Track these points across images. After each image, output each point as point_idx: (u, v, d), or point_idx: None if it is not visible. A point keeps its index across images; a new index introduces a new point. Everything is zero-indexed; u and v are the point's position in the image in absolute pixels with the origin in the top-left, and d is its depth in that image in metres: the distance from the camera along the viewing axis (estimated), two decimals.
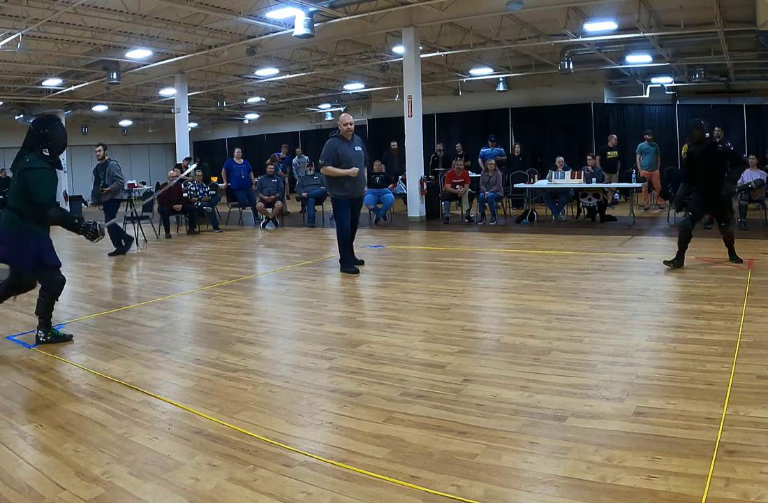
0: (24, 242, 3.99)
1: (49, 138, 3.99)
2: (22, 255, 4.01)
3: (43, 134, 3.97)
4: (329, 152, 6.35)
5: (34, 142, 3.98)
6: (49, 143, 4.00)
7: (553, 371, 3.25)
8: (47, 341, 4.14)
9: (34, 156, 3.95)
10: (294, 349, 3.89)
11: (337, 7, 9.94)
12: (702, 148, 5.95)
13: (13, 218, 4.00)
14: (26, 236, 3.99)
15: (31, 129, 4.03)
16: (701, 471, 2.15)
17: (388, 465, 2.32)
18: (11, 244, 4.01)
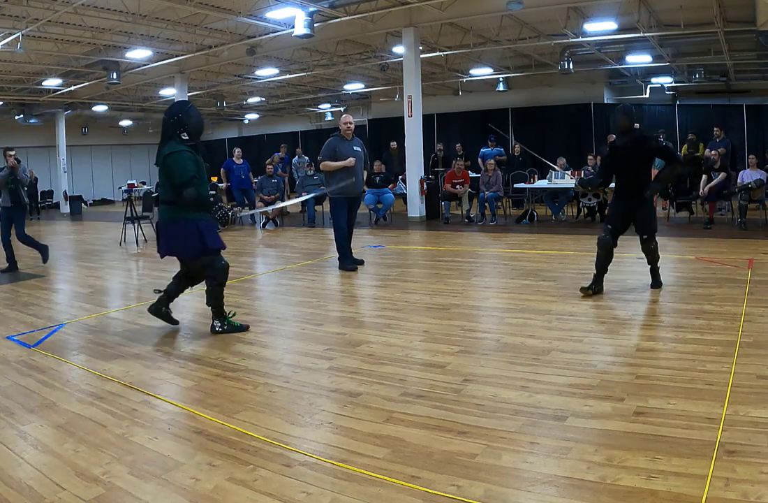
0: (181, 230, 4.06)
1: (185, 122, 4.03)
2: (183, 243, 4.09)
3: (178, 119, 4.02)
4: (327, 149, 6.53)
5: (171, 129, 4.02)
6: (187, 126, 4.03)
7: (553, 371, 3.25)
8: (224, 332, 4.22)
9: (173, 143, 4.00)
10: (294, 349, 3.89)
11: (337, 7, 9.94)
12: (627, 139, 4.97)
13: (166, 209, 4.08)
14: (182, 224, 4.05)
15: (165, 118, 4.07)
16: (701, 471, 2.15)
17: (388, 465, 2.32)
18: (170, 235, 4.11)
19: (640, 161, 4.96)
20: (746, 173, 9.21)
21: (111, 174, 23.76)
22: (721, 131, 10.98)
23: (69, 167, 19.67)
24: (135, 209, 10.09)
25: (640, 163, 4.97)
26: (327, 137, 6.79)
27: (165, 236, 4.14)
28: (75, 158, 21.55)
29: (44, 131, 19.69)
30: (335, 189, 6.54)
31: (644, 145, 4.97)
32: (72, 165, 20.66)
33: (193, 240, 4.04)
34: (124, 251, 9.21)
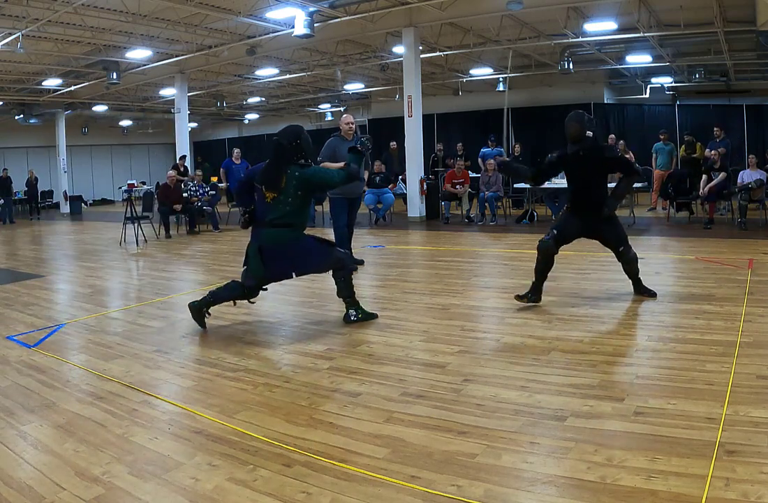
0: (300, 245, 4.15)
1: (304, 148, 4.11)
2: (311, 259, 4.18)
3: (297, 145, 4.08)
4: (327, 150, 6.49)
5: (290, 154, 4.07)
6: (305, 153, 4.12)
7: (553, 371, 3.25)
8: (358, 319, 4.36)
9: (299, 168, 4.06)
10: (294, 349, 3.89)
11: (337, 7, 9.95)
12: (578, 148, 4.57)
13: (284, 232, 4.09)
14: (303, 241, 4.17)
15: (282, 143, 4.08)
16: (701, 471, 2.15)
17: (388, 465, 2.32)
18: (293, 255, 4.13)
19: (593, 172, 4.61)
20: (746, 173, 9.21)
21: (111, 174, 23.77)
22: (721, 130, 10.98)
23: (69, 167, 19.68)
24: (135, 209, 10.09)
25: (594, 173, 4.62)
26: (327, 137, 6.76)
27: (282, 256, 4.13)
28: (75, 158, 21.54)
29: (44, 131, 19.70)
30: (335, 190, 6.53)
31: (598, 154, 4.60)
32: (72, 165, 20.66)
33: (314, 252, 4.19)
34: (124, 251, 9.21)
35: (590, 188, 4.66)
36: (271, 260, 4.12)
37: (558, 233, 4.65)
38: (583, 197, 4.70)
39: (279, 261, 4.13)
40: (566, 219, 4.78)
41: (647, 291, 4.87)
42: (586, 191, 4.67)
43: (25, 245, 11.23)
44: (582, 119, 4.55)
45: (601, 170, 4.66)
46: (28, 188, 17.65)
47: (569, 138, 4.62)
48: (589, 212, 4.68)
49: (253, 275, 4.21)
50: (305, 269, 4.31)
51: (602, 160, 4.61)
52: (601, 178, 4.70)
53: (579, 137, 4.55)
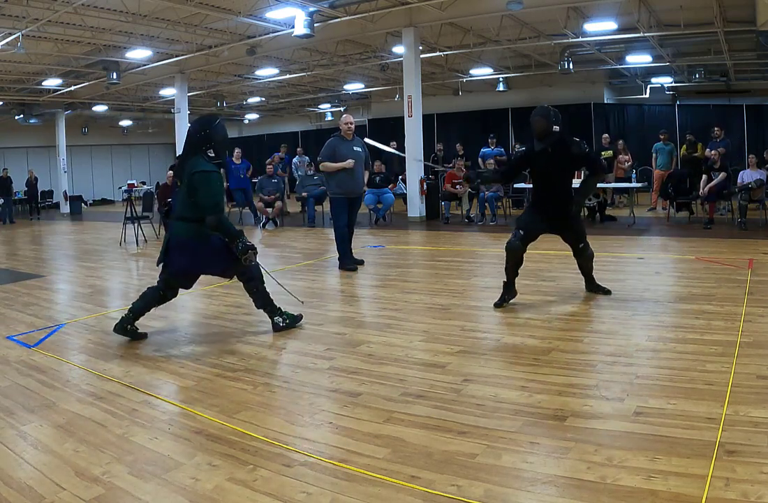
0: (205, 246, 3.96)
1: (212, 138, 3.95)
2: (214, 260, 4.00)
3: (205, 134, 3.94)
4: (327, 150, 6.51)
5: (198, 143, 3.94)
6: (213, 143, 3.96)
7: (553, 371, 3.25)
8: (287, 326, 4.23)
9: (199, 159, 3.91)
10: (294, 349, 3.89)
11: (337, 7, 9.95)
12: (546, 144, 4.52)
13: (189, 226, 3.93)
14: (207, 240, 3.96)
15: (191, 131, 3.99)
16: (701, 471, 2.15)
17: (388, 465, 2.32)
18: (194, 253, 3.96)
19: (560, 168, 4.56)
20: (746, 173, 9.21)
21: (111, 174, 23.77)
22: (721, 130, 10.98)
23: (69, 167, 19.68)
24: (135, 209, 10.10)
25: (561, 169, 4.58)
26: (327, 137, 6.77)
27: (183, 252, 3.96)
28: (75, 158, 21.55)
29: (44, 131, 19.70)
30: (335, 189, 6.55)
31: (565, 150, 4.51)
32: (72, 165, 20.67)
33: (225, 255, 3.99)
34: (124, 251, 9.21)
35: (556, 186, 4.62)
36: (173, 252, 3.98)
37: (524, 233, 4.62)
38: (548, 194, 4.66)
39: (180, 256, 3.97)
40: (530, 217, 4.74)
41: (600, 289, 4.92)
42: (552, 188, 4.63)
43: (25, 245, 11.23)
44: (548, 114, 4.49)
45: (568, 166, 4.63)
46: (28, 188, 17.65)
47: (535, 134, 4.56)
48: (553, 210, 4.64)
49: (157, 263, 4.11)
50: (206, 270, 4.13)
51: (570, 156, 4.54)
52: (567, 175, 4.68)
53: (545, 132, 4.50)
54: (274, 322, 4.24)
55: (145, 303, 4.14)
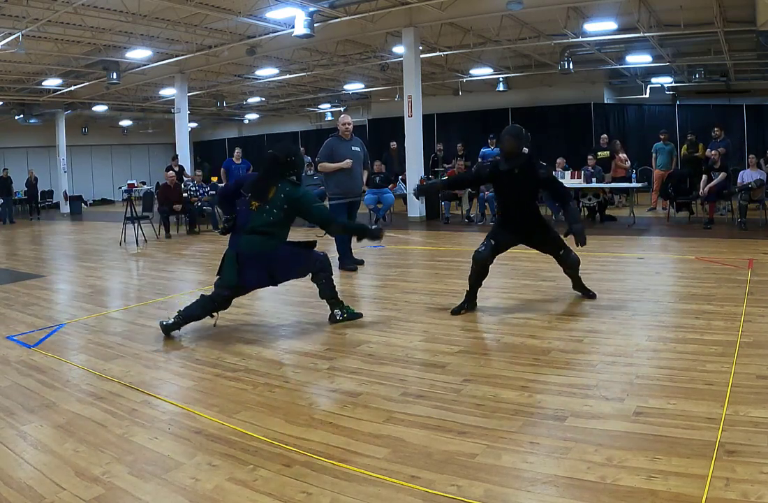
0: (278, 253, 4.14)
1: (296, 165, 4.22)
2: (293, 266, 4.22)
3: (291, 161, 4.18)
4: (325, 150, 6.51)
5: (284, 169, 4.16)
6: (297, 170, 4.23)
7: (553, 371, 3.25)
8: (344, 319, 4.40)
9: (287, 184, 4.14)
10: (294, 349, 3.89)
11: (337, 7, 9.95)
12: (512, 165, 4.47)
13: (264, 239, 4.09)
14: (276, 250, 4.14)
15: (277, 156, 4.16)
16: (701, 471, 2.15)
17: (388, 465, 2.32)
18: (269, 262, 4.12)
19: (524, 189, 4.55)
20: (746, 173, 9.21)
21: (111, 174, 23.78)
22: (721, 130, 10.98)
23: (69, 167, 19.68)
24: (135, 209, 10.09)
25: (525, 190, 4.56)
26: (327, 137, 6.77)
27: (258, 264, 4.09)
28: (75, 158, 21.55)
29: (44, 131, 19.70)
30: (334, 190, 6.55)
31: (532, 173, 4.49)
32: (72, 165, 20.67)
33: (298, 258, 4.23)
34: (124, 251, 9.21)
35: (520, 204, 4.60)
36: (247, 267, 4.09)
37: (495, 243, 4.60)
38: (513, 212, 4.65)
39: (255, 269, 4.09)
40: (499, 229, 4.71)
41: (587, 293, 4.83)
42: (516, 206, 4.62)
43: (25, 245, 11.23)
44: (519, 134, 4.47)
45: (532, 188, 4.62)
46: (27, 188, 17.65)
47: (504, 154, 4.54)
48: (520, 225, 4.63)
49: (227, 285, 4.16)
50: (284, 277, 4.28)
51: (536, 180, 4.52)
52: (532, 196, 4.68)
53: (514, 153, 4.47)
54: (333, 313, 4.43)
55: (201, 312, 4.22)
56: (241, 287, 4.24)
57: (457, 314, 4.57)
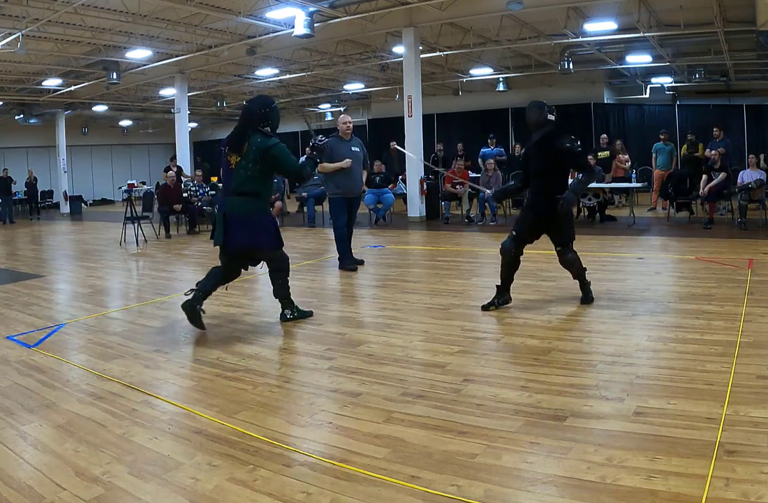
0: (263, 221, 4.16)
1: (270, 117, 4.15)
2: (263, 235, 4.16)
3: (264, 112, 4.13)
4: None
5: (257, 121, 4.10)
6: (271, 122, 4.16)
7: (553, 371, 3.25)
8: (294, 318, 4.46)
9: (261, 136, 4.09)
10: (294, 349, 3.89)
11: (337, 7, 9.94)
12: (537, 136, 4.44)
13: (248, 201, 4.10)
14: (265, 215, 4.19)
15: (251, 109, 4.15)
16: (701, 471, 2.15)
17: (388, 465, 2.32)
18: (253, 226, 4.12)
19: (546, 160, 4.39)
20: (746, 173, 9.21)
21: (111, 174, 23.77)
22: (720, 131, 10.98)
23: (69, 167, 19.67)
24: (135, 209, 10.09)
25: (547, 162, 4.39)
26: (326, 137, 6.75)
27: (242, 226, 4.10)
28: (75, 158, 21.54)
29: (44, 131, 19.70)
30: (334, 190, 6.54)
31: (552, 143, 4.35)
32: (72, 165, 20.66)
33: (271, 232, 4.20)
34: (124, 251, 9.21)
35: (543, 180, 4.45)
36: (233, 228, 4.11)
37: (516, 235, 4.55)
38: (535, 189, 4.53)
39: (240, 230, 4.10)
40: (522, 218, 4.62)
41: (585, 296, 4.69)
42: (539, 182, 4.49)
43: (25, 245, 11.23)
44: (540, 105, 4.44)
45: (552, 160, 4.38)
46: (27, 188, 17.64)
47: (530, 126, 4.49)
48: (541, 207, 4.48)
49: (216, 244, 4.22)
50: (258, 245, 4.21)
51: (554, 150, 4.35)
52: (554, 169, 4.44)
53: (539, 123, 4.41)
54: (283, 312, 4.47)
55: (214, 281, 4.30)
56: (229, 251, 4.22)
57: (486, 310, 4.58)
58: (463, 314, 4.58)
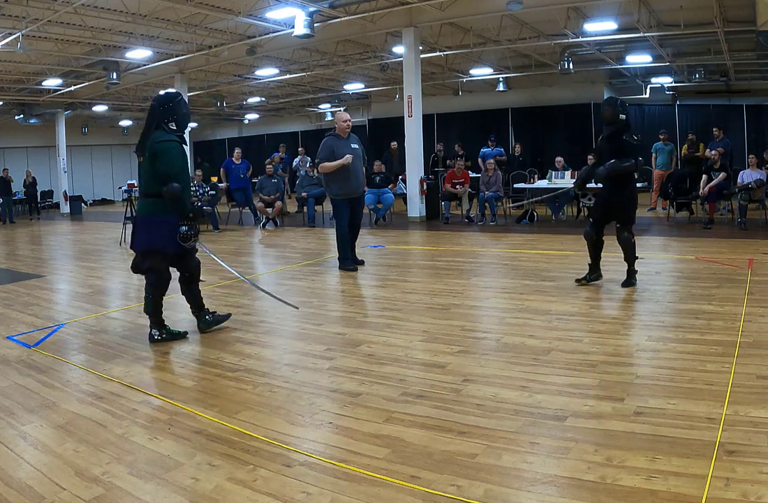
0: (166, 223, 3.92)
1: (175, 111, 3.99)
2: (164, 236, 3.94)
3: (168, 107, 3.97)
4: (324, 151, 6.42)
5: (160, 117, 3.96)
6: (176, 116, 3.99)
7: (553, 371, 3.25)
8: (161, 340, 4.05)
9: (161, 132, 3.94)
10: (294, 349, 3.89)
11: (337, 7, 9.94)
12: (608, 131, 5.16)
13: (152, 203, 3.94)
14: (168, 218, 3.93)
15: (154, 105, 4.01)
16: (701, 471, 2.15)
17: (388, 465, 2.32)
18: (153, 227, 3.94)
19: (612, 152, 5.04)
20: (746, 173, 9.21)
21: (111, 174, 23.76)
22: (720, 131, 10.98)
23: (69, 167, 19.66)
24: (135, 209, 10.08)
25: (612, 153, 5.02)
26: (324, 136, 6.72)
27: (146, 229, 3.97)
28: (75, 158, 21.54)
29: (44, 131, 19.70)
30: (337, 191, 6.50)
31: (617, 137, 5.03)
32: (72, 165, 20.66)
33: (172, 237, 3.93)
34: (124, 251, 9.19)
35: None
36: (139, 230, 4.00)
37: (593, 221, 5.27)
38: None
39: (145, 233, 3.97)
40: (594, 204, 5.42)
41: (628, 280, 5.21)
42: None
43: (25, 245, 11.23)
44: (614, 103, 5.08)
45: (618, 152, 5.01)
46: (25, 188, 17.63)
47: (604, 122, 5.16)
48: (608, 192, 5.16)
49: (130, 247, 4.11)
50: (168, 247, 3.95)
51: (616, 142, 5.02)
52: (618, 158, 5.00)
53: (612, 120, 5.06)
54: (150, 332, 4.09)
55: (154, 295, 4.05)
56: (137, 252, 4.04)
57: (578, 283, 5.21)
58: (463, 314, 4.58)
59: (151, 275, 4.04)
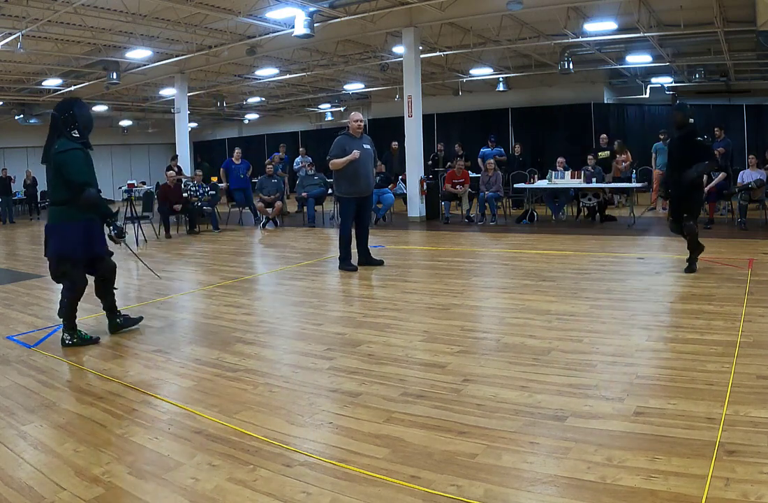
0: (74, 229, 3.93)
1: (76, 118, 3.97)
2: (74, 242, 3.94)
3: (69, 115, 3.95)
4: (336, 149, 6.42)
5: (62, 125, 3.94)
6: (77, 123, 3.97)
7: (553, 371, 3.25)
8: (73, 345, 4.04)
9: (63, 140, 3.92)
10: (294, 349, 3.89)
11: (337, 7, 9.94)
12: (682, 133, 5.66)
13: (60, 210, 3.95)
14: (76, 225, 3.93)
15: (55, 114, 3.99)
16: (701, 471, 2.15)
17: (388, 465, 2.32)
18: (62, 234, 3.95)
19: (683, 152, 5.56)
20: (746, 173, 9.21)
21: (111, 174, 23.75)
22: (721, 131, 10.98)
23: None
24: (135, 209, 10.09)
25: (684, 153, 5.55)
26: (328, 136, 6.73)
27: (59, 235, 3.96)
28: None
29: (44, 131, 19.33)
30: (347, 189, 6.49)
31: (690, 139, 5.54)
32: None
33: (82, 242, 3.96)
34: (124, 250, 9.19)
35: (681, 165, 5.55)
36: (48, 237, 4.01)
37: (672, 217, 5.83)
38: (675, 174, 5.62)
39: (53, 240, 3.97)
40: (670, 202, 5.98)
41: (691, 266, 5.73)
42: (678, 167, 5.59)
43: (25, 245, 11.23)
44: (684, 108, 5.70)
45: (689, 152, 5.55)
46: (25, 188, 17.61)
47: (675, 125, 5.72)
48: (677, 187, 5.66)
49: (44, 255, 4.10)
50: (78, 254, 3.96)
51: (692, 144, 5.55)
52: (690, 159, 5.51)
53: (682, 123, 5.62)
54: (62, 337, 4.07)
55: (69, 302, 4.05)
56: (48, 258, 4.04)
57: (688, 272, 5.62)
58: (463, 314, 4.58)
59: (66, 281, 4.09)
